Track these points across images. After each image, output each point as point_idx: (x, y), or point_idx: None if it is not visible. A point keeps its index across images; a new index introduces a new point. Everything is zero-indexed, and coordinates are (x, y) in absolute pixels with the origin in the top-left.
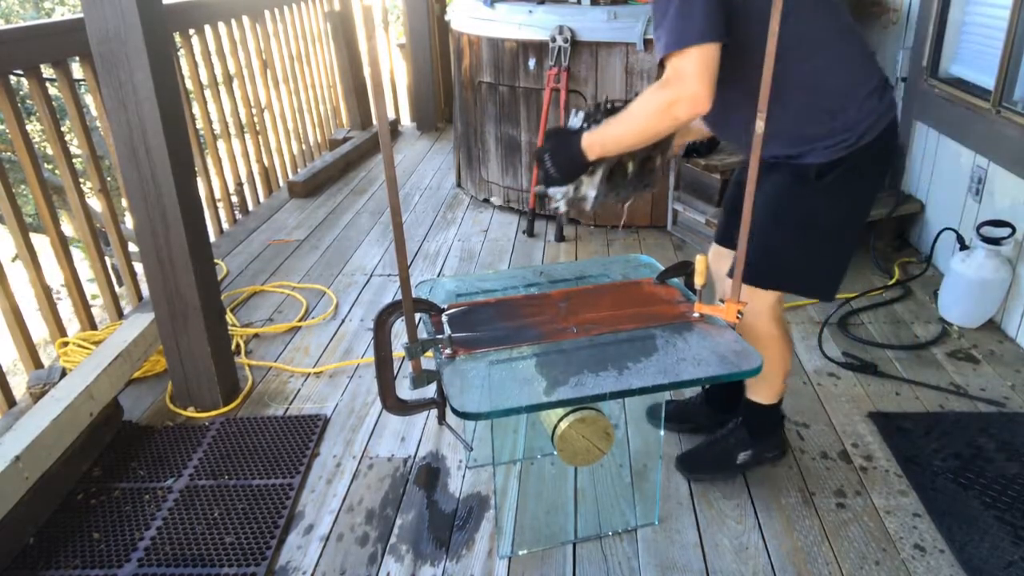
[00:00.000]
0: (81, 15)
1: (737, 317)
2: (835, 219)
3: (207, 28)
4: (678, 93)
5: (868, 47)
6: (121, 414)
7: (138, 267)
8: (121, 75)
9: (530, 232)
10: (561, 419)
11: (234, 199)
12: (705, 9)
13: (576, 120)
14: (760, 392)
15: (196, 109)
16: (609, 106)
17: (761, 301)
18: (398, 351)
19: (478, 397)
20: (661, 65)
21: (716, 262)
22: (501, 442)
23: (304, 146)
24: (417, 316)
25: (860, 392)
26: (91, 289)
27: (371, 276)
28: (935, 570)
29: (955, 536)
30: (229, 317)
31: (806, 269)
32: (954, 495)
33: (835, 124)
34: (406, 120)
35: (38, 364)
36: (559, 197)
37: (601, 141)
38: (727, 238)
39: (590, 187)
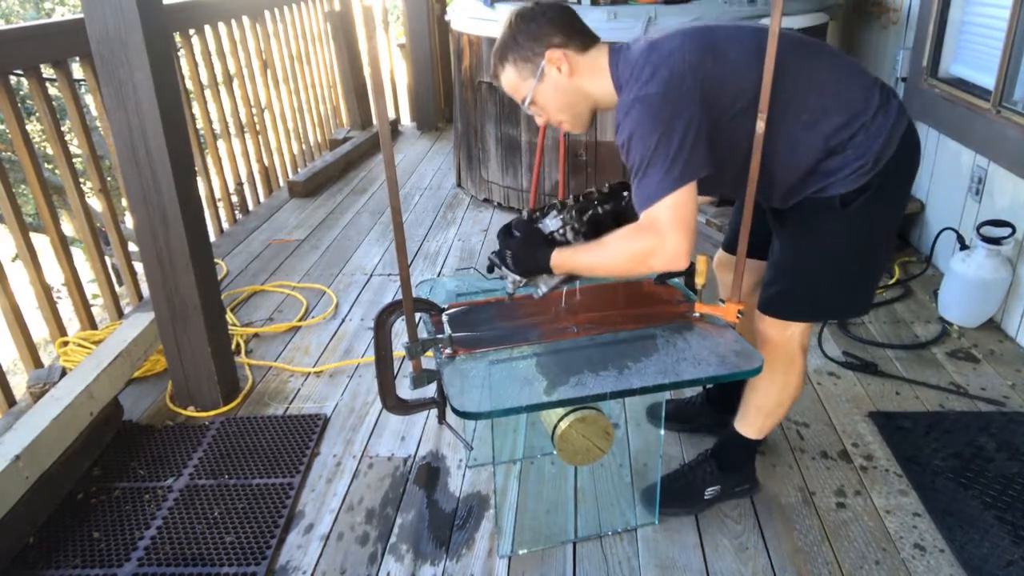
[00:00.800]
0: (81, 15)
1: (737, 317)
2: (867, 242)
3: (207, 28)
4: (655, 246)
5: (857, 69)
6: (121, 413)
7: (138, 267)
8: (121, 75)
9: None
10: (561, 419)
11: (234, 199)
12: (675, 152)
13: (553, 223)
14: (753, 423)
15: (196, 109)
16: (592, 210)
17: (795, 327)
18: (398, 351)
19: (478, 397)
20: None
21: (721, 270)
22: (501, 442)
23: (304, 146)
24: (417, 316)
25: (860, 392)
26: (91, 289)
27: (371, 276)
28: (935, 570)
29: (955, 536)
30: (229, 317)
31: (845, 295)
32: (954, 495)
33: (848, 153)
34: (406, 120)
35: (38, 363)
36: (508, 281)
37: (572, 266)
38: (734, 246)
39: (543, 284)
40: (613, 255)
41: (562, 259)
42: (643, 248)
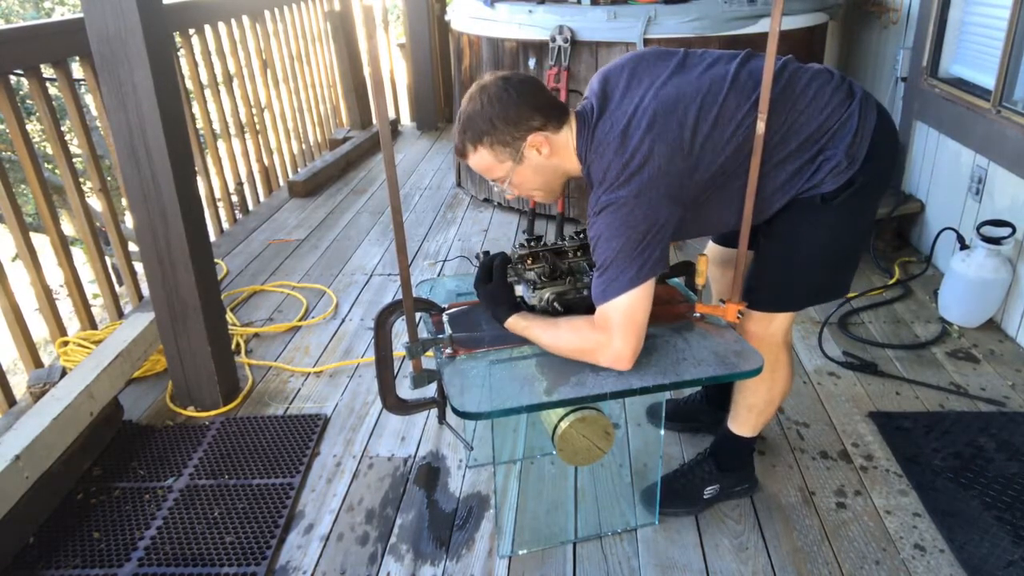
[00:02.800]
0: (81, 15)
1: (737, 317)
2: (850, 232)
3: (207, 28)
4: (601, 345)
5: (817, 83)
6: (121, 413)
7: (138, 267)
8: (121, 75)
9: (530, 232)
10: (561, 419)
11: (234, 199)
12: (636, 254)
13: (526, 292)
14: (745, 422)
15: (196, 109)
16: (573, 293)
17: (784, 319)
18: (398, 350)
19: (478, 397)
20: None
21: (714, 263)
22: (501, 442)
23: (304, 146)
24: (417, 316)
25: (860, 392)
26: (91, 289)
27: (371, 276)
28: (935, 570)
29: (955, 536)
30: (229, 317)
31: (830, 282)
32: (954, 495)
33: (820, 160)
34: (406, 120)
35: (38, 363)
36: None
37: (524, 335)
38: (725, 239)
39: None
40: (562, 342)
41: (517, 326)
42: (590, 345)
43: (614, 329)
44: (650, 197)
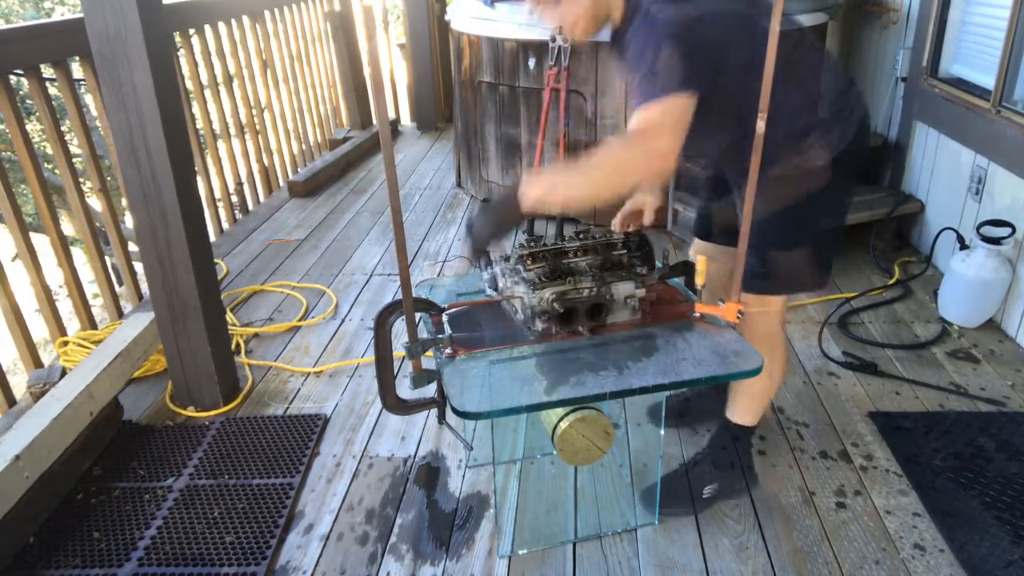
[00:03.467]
0: (81, 15)
1: (737, 317)
2: (825, 211)
3: (207, 28)
4: (645, 144)
5: (822, 69)
6: (121, 413)
7: (138, 267)
8: (121, 75)
9: (530, 232)
10: (561, 419)
11: (234, 199)
12: (682, 64)
13: (526, 292)
14: (746, 409)
15: (196, 109)
16: (559, 299)
17: (777, 303)
18: (398, 350)
19: (478, 397)
20: None
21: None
22: (501, 442)
23: (304, 146)
24: (417, 316)
25: (860, 391)
26: (91, 289)
27: (371, 276)
28: (935, 570)
29: (955, 536)
30: (229, 317)
31: (806, 267)
32: (954, 495)
33: (811, 136)
34: (406, 120)
35: (38, 363)
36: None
37: (549, 186)
38: (708, 234)
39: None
40: (598, 164)
41: (534, 188)
42: (631, 149)
43: (656, 125)
44: (702, 35)
